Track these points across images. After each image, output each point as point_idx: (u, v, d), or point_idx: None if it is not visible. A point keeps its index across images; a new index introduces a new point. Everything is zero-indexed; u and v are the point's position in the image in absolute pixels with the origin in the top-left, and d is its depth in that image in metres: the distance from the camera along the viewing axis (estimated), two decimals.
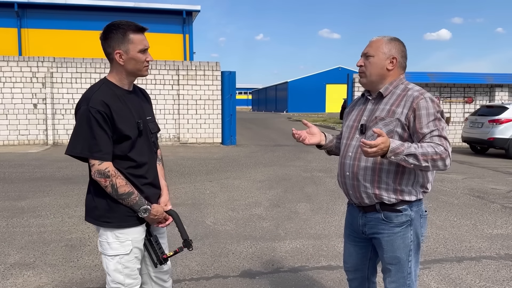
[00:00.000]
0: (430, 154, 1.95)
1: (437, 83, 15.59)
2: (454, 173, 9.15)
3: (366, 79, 2.20)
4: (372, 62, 2.15)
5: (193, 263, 3.88)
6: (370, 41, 2.21)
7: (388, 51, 2.14)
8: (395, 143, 1.94)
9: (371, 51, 2.15)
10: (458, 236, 4.79)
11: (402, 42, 2.19)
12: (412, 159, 1.93)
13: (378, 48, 2.15)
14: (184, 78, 13.72)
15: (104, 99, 2.01)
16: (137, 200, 2.06)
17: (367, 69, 2.16)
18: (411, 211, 2.16)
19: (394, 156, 1.92)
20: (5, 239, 4.47)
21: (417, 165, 1.95)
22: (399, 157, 1.93)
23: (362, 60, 2.20)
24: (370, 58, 2.15)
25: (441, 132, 2.04)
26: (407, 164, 1.95)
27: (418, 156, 1.93)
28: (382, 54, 2.14)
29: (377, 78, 2.17)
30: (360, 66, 2.20)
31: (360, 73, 2.22)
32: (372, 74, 2.16)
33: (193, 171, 8.71)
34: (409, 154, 1.93)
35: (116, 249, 2.10)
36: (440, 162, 1.97)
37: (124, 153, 2.08)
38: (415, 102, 2.06)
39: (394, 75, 2.19)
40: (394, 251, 2.17)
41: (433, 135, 2.02)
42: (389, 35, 2.20)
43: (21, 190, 6.75)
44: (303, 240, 4.53)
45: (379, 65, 2.15)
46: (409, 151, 1.93)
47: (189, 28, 18.98)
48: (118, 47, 2.04)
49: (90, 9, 17.64)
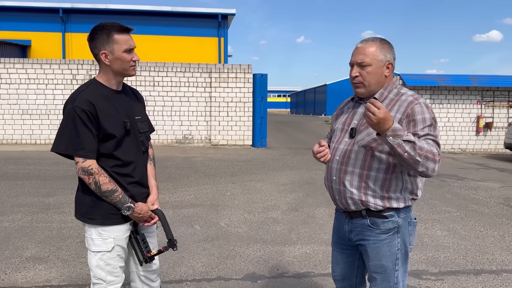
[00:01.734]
0: (426, 150, 1.83)
1: (478, 87, 14.90)
2: (491, 181, 8.70)
3: (365, 89, 2.06)
4: (370, 72, 2.02)
5: (198, 263, 3.89)
6: (360, 47, 2.06)
7: (384, 58, 2.03)
8: (398, 125, 1.84)
9: (367, 60, 2.02)
10: (481, 247, 4.54)
11: (391, 43, 2.09)
12: (409, 147, 1.80)
13: (373, 55, 2.02)
14: (216, 81, 13.87)
15: (89, 98, 2.05)
16: (120, 198, 2.09)
17: (365, 79, 2.04)
18: (399, 217, 2.06)
19: (393, 137, 1.79)
20: (27, 233, 4.67)
21: (410, 156, 1.81)
22: (397, 141, 1.79)
23: (357, 70, 2.05)
24: (367, 67, 2.02)
25: (435, 138, 1.94)
26: (402, 150, 1.80)
27: (416, 146, 1.81)
28: (379, 62, 2.03)
29: (376, 87, 2.06)
30: (355, 77, 2.06)
31: (357, 84, 2.07)
32: (371, 84, 2.04)
33: (218, 173, 8.77)
34: (408, 140, 1.81)
35: (98, 245, 2.13)
36: (431, 163, 1.85)
37: (109, 152, 2.11)
38: (410, 107, 1.96)
39: (389, 80, 2.10)
40: (380, 259, 2.08)
41: (427, 138, 1.92)
42: (375, 37, 2.09)
43: (52, 187, 7.04)
44: (314, 246, 4.44)
45: (378, 74, 2.03)
46: (408, 137, 1.81)
47: (224, 32, 19.19)
48: (103, 47, 2.09)
49: (130, 14, 18.27)
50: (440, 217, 5.68)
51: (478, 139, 14.68)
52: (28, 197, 6.34)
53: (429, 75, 16.45)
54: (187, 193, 6.83)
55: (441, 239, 4.78)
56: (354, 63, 2.07)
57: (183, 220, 5.27)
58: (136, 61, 2.19)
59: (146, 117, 2.40)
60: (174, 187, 7.24)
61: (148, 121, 2.42)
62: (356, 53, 2.07)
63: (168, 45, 18.75)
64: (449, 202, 6.59)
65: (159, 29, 18.92)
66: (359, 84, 2.07)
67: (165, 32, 18.99)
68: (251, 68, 13.97)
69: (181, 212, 5.63)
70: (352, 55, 2.09)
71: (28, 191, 6.73)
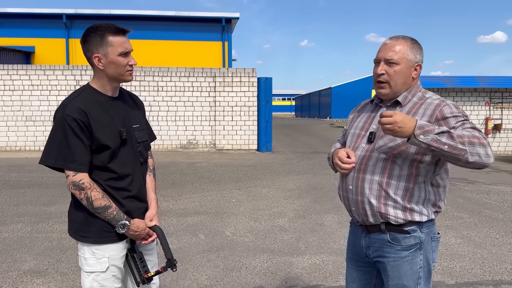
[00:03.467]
0: (467, 136, 1.63)
1: (487, 88, 14.66)
2: (503, 184, 8.48)
3: (390, 90, 1.88)
4: (398, 71, 1.85)
5: (203, 276, 3.71)
6: (390, 43, 1.88)
7: (413, 58, 1.87)
8: (423, 121, 1.67)
9: (396, 58, 1.84)
10: (499, 256, 4.33)
11: (420, 44, 1.92)
12: (446, 138, 1.60)
13: (403, 54, 1.85)
14: (221, 85, 13.73)
15: (81, 106, 1.90)
16: (114, 215, 1.92)
17: (392, 79, 1.86)
18: (421, 232, 1.88)
19: (423, 135, 1.60)
20: (26, 244, 4.52)
21: (452, 147, 1.59)
22: (429, 136, 1.60)
23: (383, 67, 1.87)
24: (395, 66, 1.85)
25: (473, 125, 1.75)
26: (440, 144, 1.59)
27: (453, 135, 1.61)
28: (408, 62, 1.86)
29: (401, 88, 1.89)
30: (381, 75, 1.88)
31: (382, 83, 1.89)
32: (397, 84, 1.87)
33: (224, 178, 8.61)
34: (441, 132, 1.61)
35: (92, 265, 1.97)
36: (480, 148, 1.62)
37: (103, 164, 1.95)
38: (438, 110, 1.78)
39: (415, 83, 1.92)
40: (401, 278, 1.89)
41: (464, 125, 1.73)
42: (407, 36, 1.90)
43: (53, 195, 6.90)
44: (324, 256, 4.25)
45: (405, 74, 1.86)
46: (441, 129, 1.62)
47: (228, 36, 19.09)
48: (97, 50, 1.93)
49: (133, 19, 18.21)
50: (453, 224, 5.48)
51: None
52: (29, 206, 6.20)
53: (437, 77, 16.25)
54: (191, 200, 6.66)
55: (456, 247, 4.58)
56: (381, 59, 1.88)
57: (187, 229, 5.10)
58: (133, 65, 2.03)
59: (146, 125, 2.23)
60: (178, 193, 7.08)
61: (148, 129, 2.25)
62: (384, 49, 1.89)
63: (172, 49, 18.65)
64: (461, 207, 6.38)
65: (163, 34, 18.84)
66: (384, 83, 1.89)
67: (169, 37, 18.90)
68: (255, 72, 13.83)
69: (185, 221, 5.47)
70: (379, 51, 1.91)
71: (29, 199, 6.60)
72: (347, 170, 1.93)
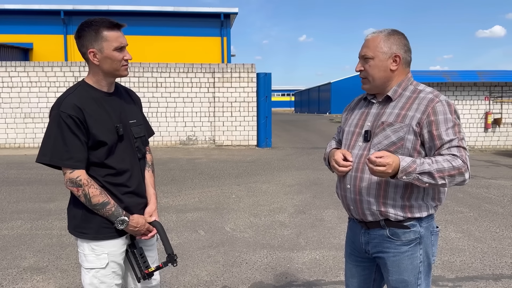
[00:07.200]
0: (447, 170, 1.70)
1: (486, 82, 14.62)
2: (502, 178, 8.48)
3: (369, 84, 1.93)
4: (373, 65, 1.88)
5: (203, 272, 3.71)
6: (366, 40, 1.92)
7: (388, 50, 1.87)
8: (406, 161, 1.70)
9: (369, 52, 1.88)
10: (499, 250, 4.33)
11: (402, 34, 1.91)
12: (426, 177, 1.70)
13: (376, 47, 1.87)
14: (220, 81, 13.69)
15: (77, 102, 1.88)
16: (113, 211, 1.91)
17: (369, 74, 1.90)
18: (421, 227, 1.88)
19: (405, 176, 1.69)
20: (26, 241, 4.52)
21: (433, 184, 1.72)
22: (411, 176, 1.70)
23: (360, 64, 1.93)
24: (370, 61, 1.88)
25: (460, 142, 1.77)
26: (421, 183, 1.72)
27: (433, 174, 1.69)
28: (382, 54, 1.86)
29: (381, 81, 1.90)
30: (360, 71, 1.93)
31: (362, 79, 1.95)
32: (375, 78, 1.89)
33: (223, 174, 8.60)
34: (423, 172, 1.69)
35: (91, 262, 1.96)
36: (459, 177, 1.73)
37: (100, 160, 1.94)
38: (431, 106, 1.79)
39: (401, 75, 1.91)
40: (401, 273, 1.89)
41: (452, 145, 1.76)
42: (387, 28, 1.91)
43: (53, 192, 6.90)
44: (324, 251, 4.25)
45: (381, 67, 1.87)
46: (422, 168, 1.69)
47: (227, 31, 19.02)
48: (91, 45, 1.91)
49: (131, 14, 18.12)
50: (453, 218, 5.48)
51: (487, 135, 14.42)
52: (29, 203, 6.20)
53: (436, 71, 16.23)
54: (191, 196, 6.66)
55: (456, 241, 4.58)
56: (359, 56, 1.94)
57: (187, 225, 5.10)
58: (128, 60, 2.01)
59: (143, 120, 2.21)
60: (178, 190, 7.08)
61: (146, 124, 2.24)
62: (362, 46, 1.94)
63: (171, 45, 18.58)
64: (461, 201, 6.38)
65: (161, 29, 18.75)
66: (364, 79, 1.94)
67: (167, 33, 18.82)
68: (254, 67, 13.79)
69: (185, 217, 5.46)
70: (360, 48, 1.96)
71: (29, 196, 6.59)
72: (344, 173, 1.94)
